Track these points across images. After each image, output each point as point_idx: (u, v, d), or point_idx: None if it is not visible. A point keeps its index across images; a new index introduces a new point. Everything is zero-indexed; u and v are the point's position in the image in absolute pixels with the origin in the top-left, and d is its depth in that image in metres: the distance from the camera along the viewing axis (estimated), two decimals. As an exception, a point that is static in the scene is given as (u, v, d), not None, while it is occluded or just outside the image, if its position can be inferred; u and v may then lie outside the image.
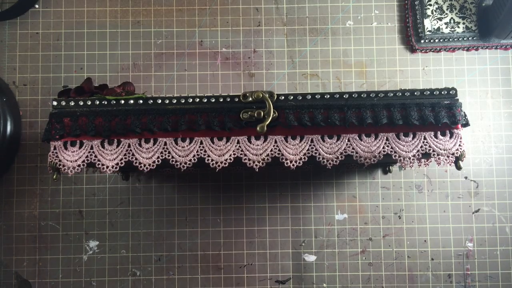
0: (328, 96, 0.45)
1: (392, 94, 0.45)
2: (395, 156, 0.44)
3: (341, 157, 0.44)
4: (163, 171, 0.59)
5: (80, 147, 0.42)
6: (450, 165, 0.45)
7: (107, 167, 0.42)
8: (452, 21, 0.61)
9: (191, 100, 0.43)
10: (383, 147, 0.44)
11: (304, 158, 0.44)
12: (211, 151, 0.44)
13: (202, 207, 0.59)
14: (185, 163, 0.45)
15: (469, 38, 0.60)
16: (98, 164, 0.42)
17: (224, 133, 0.44)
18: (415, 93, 0.45)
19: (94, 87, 0.45)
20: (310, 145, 0.44)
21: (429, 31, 0.60)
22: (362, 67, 0.61)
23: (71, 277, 0.58)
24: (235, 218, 0.59)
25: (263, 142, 0.44)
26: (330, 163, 0.44)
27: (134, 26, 0.61)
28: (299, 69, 0.61)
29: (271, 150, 0.44)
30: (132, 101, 0.43)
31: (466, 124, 0.45)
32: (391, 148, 0.44)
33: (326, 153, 0.44)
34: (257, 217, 0.59)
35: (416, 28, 0.60)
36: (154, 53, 0.61)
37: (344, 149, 0.44)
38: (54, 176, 0.42)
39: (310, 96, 0.45)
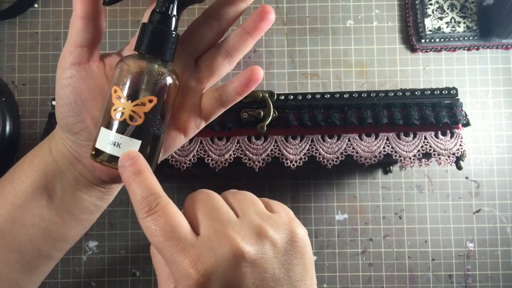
0: (329, 95, 0.45)
1: (392, 94, 0.45)
2: (395, 156, 0.44)
3: (342, 157, 0.44)
4: (163, 171, 0.59)
5: (79, 147, 0.42)
6: (451, 165, 0.45)
7: (106, 167, 0.42)
8: (453, 20, 0.60)
9: (190, 99, 0.43)
10: (384, 147, 0.44)
11: (305, 158, 0.44)
12: (211, 151, 0.44)
13: (201, 207, 0.59)
14: (185, 163, 0.45)
15: (470, 38, 0.60)
16: (97, 164, 0.42)
17: (224, 132, 0.44)
18: (416, 93, 0.45)
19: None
20: (310, 145, 0.44)
21: (430, 30, 0.60)
22: (363, 67, 0.61)
23: (70, 278, 0.58)
24: (235, 218, 0.59)
25: (263, 142, 0.44)
26: (330, 163, 0.44)
27: (134, 25, 0.61)
28: (299, 68, 0.61)
29: (271, 150, 0.44)
30: (131, 101, 0.43)
31: (467, 124, 0.45)
32: (392, 148, 0.44)
33: (326, 153, 0.44)
34: (257, 217, 0.59)
35: (417, 28, 0.60)
36: (154, 52, 0.61)
37: (345, 149, 0.44)
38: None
39: (310, 96, 0.45)
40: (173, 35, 0.32)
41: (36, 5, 0.61)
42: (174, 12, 0.32)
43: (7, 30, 0.60)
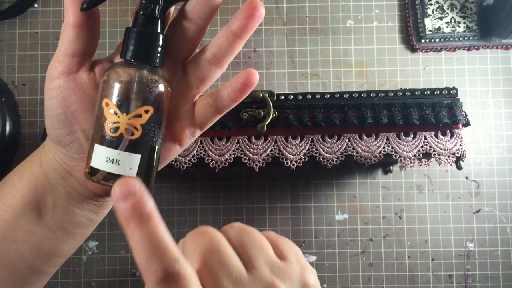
0: (329, 96, 0.45)
1: (392, 94, 0.44)
2: (395, 156, 0.44)
3: (342, 157, 0.44)
4: (162, 171, 0.59)
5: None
6: (450, 165, 0.45)
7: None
8: (452, 20, 0.60)
9: (190, 99, 0.43)
10: (384, 147, 0.44)
11: (305, 158, 0.44)
12: (211, 151, 0.44)
13: (201, 207, 0.59)
14: (185, 163, 0.45)
15: (470, 38, 0.60)
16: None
17: (224, 132, 0.44)
18: (416, 93, 0.45)
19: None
20: (310, 145, 0.44)
21: (430, 30, 0.60)
22: (363, 67, 0.61)
23: (70, 278, 0.58)
24: (235, 219, 0.59)
25: (263, 142, 0.44)
26: (330, 163, 0.44)
27: (134, 25, 0.61)
28: (299, 68, 0.61)
29: (271, 150, 0.44)
30: (131, 101, 0.43)
31: (467, 124, 0.45)
32: (392, 148, 0.44)
33: (326, 153, 0.44)
34: (257, 217, 0.59)
35: (417, 28, 0.60)
36: (154, 52, 0.61)
37: (345, 149, 0.44)
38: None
39: (310, 96, 0.44)
40: (161, 38, 0.30)
41: (36, 5, 0.61)
42: (160, 13, 0.30)
43: (7, 30, 0.60)
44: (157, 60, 0.30)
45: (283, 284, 0.26)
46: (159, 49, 0.30)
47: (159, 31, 0.30)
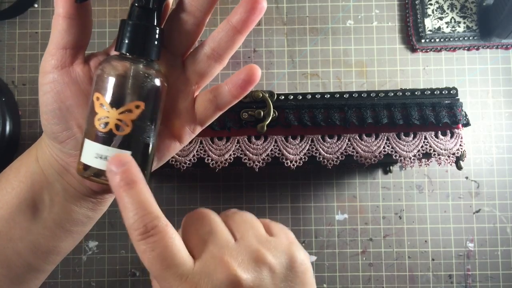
0: (329, 95, 0.45)
1: (392, 94, 0.45)
2: (395, 156, 0.44)
3: (342, 157, 0.44)
4: (163, 171, 0.59)
5: (79, 147, 0.42)
6: (450, 165, 0.45)
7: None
8: (452, 20, 0.60)
9: (190, 99, 0.43)
10: (384, 147, 0.44)
11: (305, 158, 0.44)
12: (211, 151, 0.44)
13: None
14: (185, 163, 0.45)
15: (470, 38, 0.60)
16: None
17: (224, 132, 0.44)
18: (416, 93, 0.45)
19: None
20: (310, 145, 0.44)
21: (430, 30, 0.60)
22: (363, 67, 0.61)
23: (70, 278, 0.58)
24: (235, 218, 0.59)
25: (263, 142, 0.44)
26: (330, 163, 0.44)
27: (134, 25, 0.61)
28: (299, 68, 0.61)
29: (271, 150, 0.44)
30: (131, 101, 0.43)
31: (467, 124, 0.45)
32: (392, 148, 0.44)
33: (326, 153, 0.44)
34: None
35: (417, 28, 0.60)
36: (154, 52, 0.61)
37: (345, 149, 0.44)
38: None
39: (310, 96, 0.45)
40: (157, 30, 0.29)
41: (36, 5, 0.61)
42: (155, 4, 0.29)
43: (7, 30, 0.60)
44: (153, 54, 0.29)
45: (269, 253, 0.27)
46: (155, 42, 0.29)
47: (155, 23, 0.29)
